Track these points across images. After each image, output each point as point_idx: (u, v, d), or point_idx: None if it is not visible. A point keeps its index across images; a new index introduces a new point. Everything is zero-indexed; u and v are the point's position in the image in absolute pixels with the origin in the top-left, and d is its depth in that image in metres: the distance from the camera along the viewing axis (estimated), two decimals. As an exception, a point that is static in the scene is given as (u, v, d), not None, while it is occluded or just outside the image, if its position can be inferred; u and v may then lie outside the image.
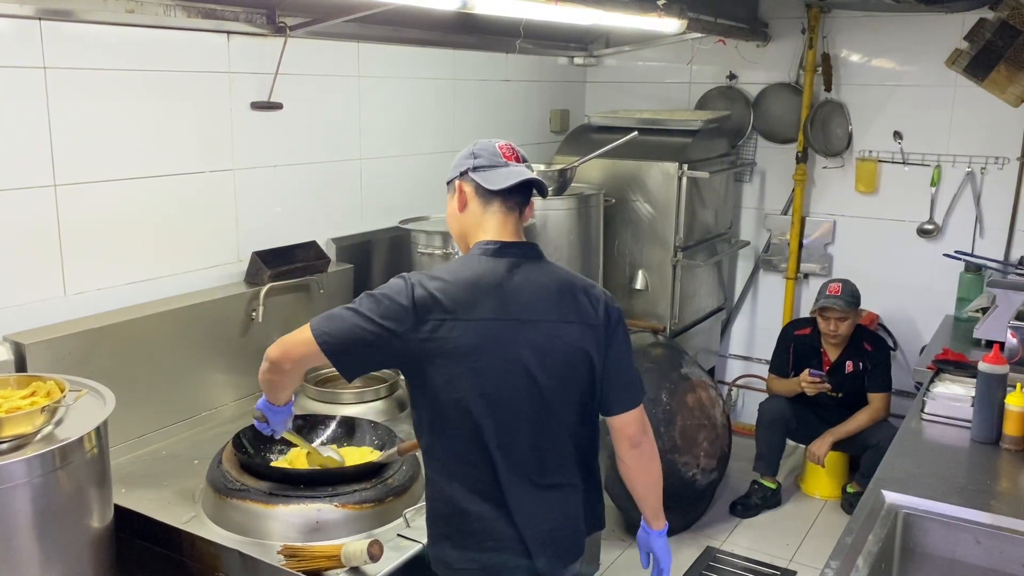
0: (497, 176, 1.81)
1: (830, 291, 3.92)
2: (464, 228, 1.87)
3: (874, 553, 1.96)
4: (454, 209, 1.88)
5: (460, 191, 1.85)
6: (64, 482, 1.71)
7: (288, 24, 2.76)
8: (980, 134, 4.08)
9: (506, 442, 1.75)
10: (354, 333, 1.71)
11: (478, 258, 1.79)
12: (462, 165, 1.85)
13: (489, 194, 1.81)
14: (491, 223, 1.83)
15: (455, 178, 1.87)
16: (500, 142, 1.87)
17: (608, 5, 2.79)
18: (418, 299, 1.70)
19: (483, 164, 1.83)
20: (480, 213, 1.83)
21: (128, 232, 2.49)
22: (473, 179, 1.82)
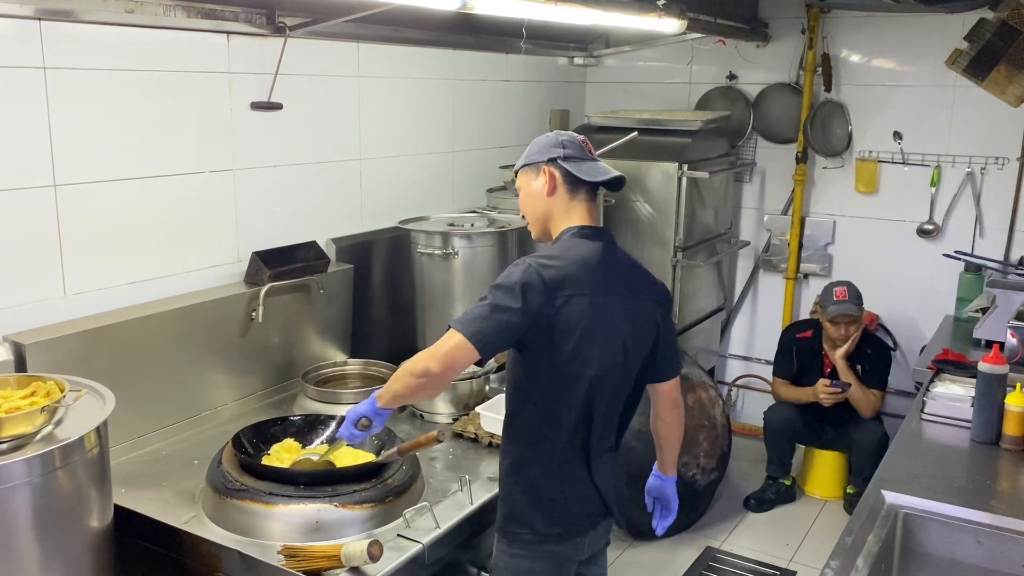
0: (588, 169, 1.98)
1: (837, 296, 3.88)
2: (548, 210, 2.00)
3: (874, 553, 1.96)
4: (538, 191, 1.99)
5: (550, 176, 1.98)
6: (64, 482, 1.71)
7: (288, 24, 2.76)
8: (980, 134, 4.08)
9: (602, 408, 1.96)
10: (503, 325, 1.82)
11: (579, 241, 1.95)
12: (550, 152, 1.99)
13: (577, 183, 1.98)
14: (580, 210, 1.99)
15: (541, 163, 1.99)
16: (578, 136, 2.03)
17: (608, 5, 2.79)
18: (547, 278, 1.84)
19: (572, 155, 1.98)
20: (567, 200, 1.98)
21: (128, 232, 2.49)
22: (564, 167, 1.97)
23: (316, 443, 2.36)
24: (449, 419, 2.67)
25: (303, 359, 2.95)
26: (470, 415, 2.63)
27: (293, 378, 2.89)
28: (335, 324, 3.08)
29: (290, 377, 2.90)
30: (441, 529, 2.03)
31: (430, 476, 2.31)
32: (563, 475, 1.95)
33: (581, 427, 1.94)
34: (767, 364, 4.74)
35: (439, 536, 2.02)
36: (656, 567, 3.57)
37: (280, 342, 2.88)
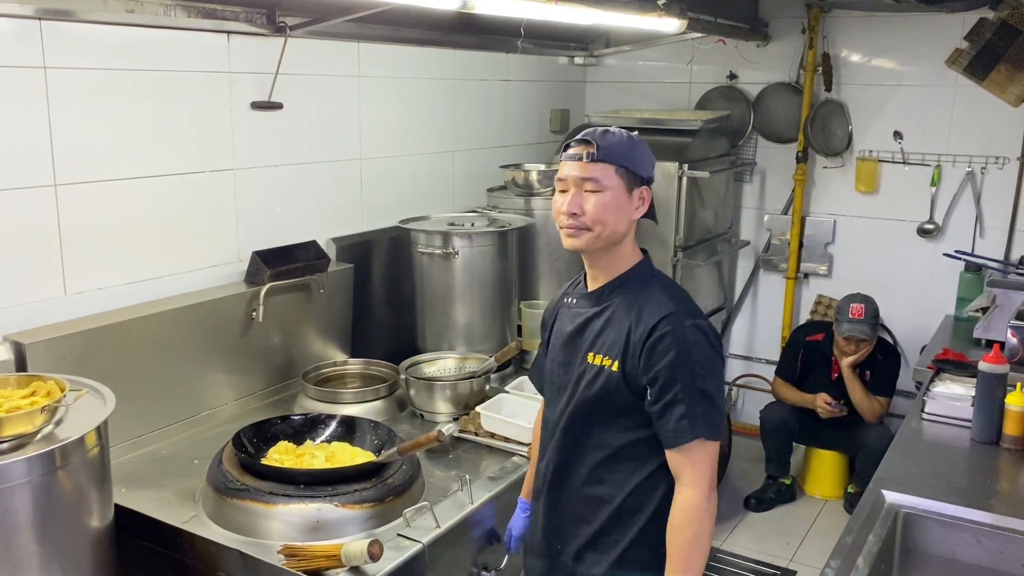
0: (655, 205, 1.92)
1: (853, 314, 3.84)
2: (628, 229, 1.85)
3: (874, 553, 1.96)
4: (627, 205, 1.82)
5: (646, 197, 1.86)
6: (64, 482, 1.71)
7: (288, 24, 2.76)
8: (980, 134, 4.08)
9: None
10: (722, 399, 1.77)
11: (660, 272, 1.91)
12: (650, 171, 1.88)
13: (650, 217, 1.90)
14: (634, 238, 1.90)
15: (642, 178, 1.85)
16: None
17: (608, 5, 2.79)
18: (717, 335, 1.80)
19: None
20: (635, 226, 1.88)
21: (128, 232, 2.49)
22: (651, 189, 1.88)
23: (318, 442, 2.36)
24: (449, 419, 2.67)
25: (303, 359, 2.95)
26: (470, 415, 2.63)
27: (293, 378, 2.89)
28: (335, 324, 3.08)
29: (290, 377, 2.90)
30: (441, 529, 2.03)
31: (430, 476, 2.31)
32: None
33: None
34: (767, 364, 4.74)
35: (439, 536, 2.02)
36: (656, 567, 3.57)
37: (280, 342, 2.88)
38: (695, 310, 1.79)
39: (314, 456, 2.23)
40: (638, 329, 1.75)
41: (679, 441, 1.70)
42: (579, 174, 1.79)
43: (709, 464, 1.71)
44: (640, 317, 1.76)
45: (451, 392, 2.71)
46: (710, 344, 1.73)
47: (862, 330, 3.82)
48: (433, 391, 2.71)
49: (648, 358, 1.72)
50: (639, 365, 1.74)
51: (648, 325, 1.74)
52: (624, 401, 1.78)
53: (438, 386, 2.72)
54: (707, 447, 1.70)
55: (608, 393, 1.80)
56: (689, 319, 1.73)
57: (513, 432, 2.48)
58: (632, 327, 1.76)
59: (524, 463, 2.39)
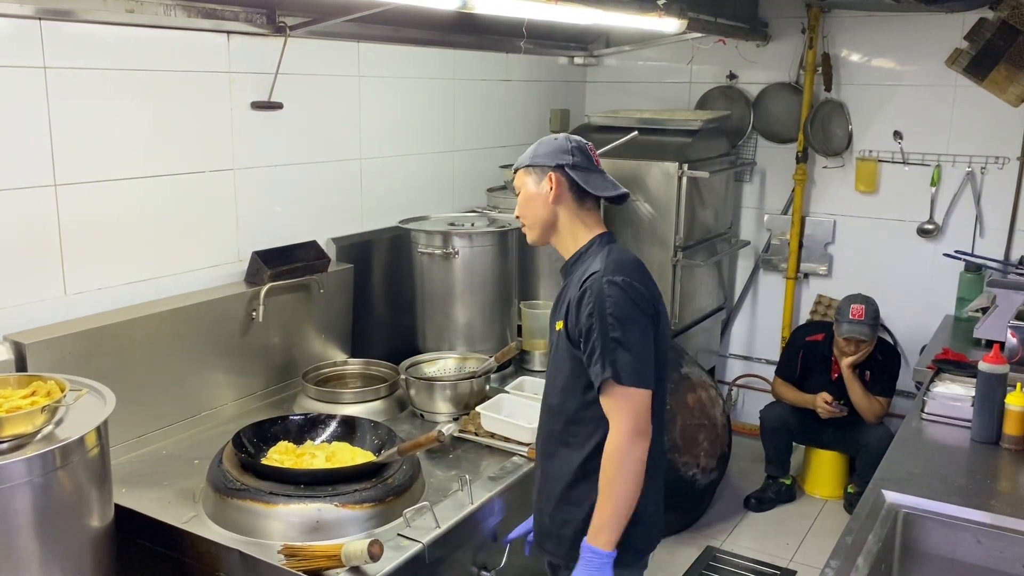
0: (595, 181, 1.98)
1: (853, 315, 3.83)
2: (551, 217, 1.99)
3: (874, 553, 1.96)
4: (543, 195, 1.97)
5: (556, 183, 1.95)
6: (64, 482, 1.71)
7: (288, 24, 2.76)
8: (980, 134, 4.08)
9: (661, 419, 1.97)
10: (647, 345, 1.85)
11: (619, 247, 1.97)
12: (557, 157, 1.96)
13: (584, 193, 1.96)
14: (593, 218, 2.00)
15: (547, 167, 1.96)
16: (587, 143, 2.01)
17: (608, 5, 2.79)
18: (640, 291, 1.86)
19: (580, 164, 1.97)
20: (576, 208, 1.98)
21: (128, 232, 2.49)
22: (571, 176, 1.95)
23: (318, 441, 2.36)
24: (449, 419, 2.67)
25: (303, 359, 2.95)
26: (470, 415, 2.63)
27: (293, 378, 2.89)
28: (335, 324, 3.08)
29: (290, 377, 2.90)
30: (441, 529, 2.03)
31: (430, 476, 2.31)
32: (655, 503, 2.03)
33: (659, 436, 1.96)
34: (767, 364, 4.74)
35: (439, 535, 2.02)
36: (656, 566, 3.56)
37: (280, 342, 2.88)
38: (620, 269, 1.87)
39: (314, 456, 2.24)
40: (573, 290, 1.93)
41: (596, 383, 1.83)
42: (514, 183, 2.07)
43: (631, 409, 1.80)
44: (578, 281, 1.92)
45: (451, 392, 2.71)
46: (628, 298, 1.83)
47: (862, 331, 3.82)
48: (433, 391, 2.71)
49: (576, 314, 1.88)
50: (575, 322, 1.89)
51: (578, 285, 1.90)
52: (572, 360, 1.90)
53: (438, 386, 2.72)
54: (627, 392, 1.80)
55: (561, 353, 1.94)
56: (609, 276, 1.84)
57: (513, 432, 2.48)
58: (572, 290, 1.93)
59: (524, 463, 2.39)
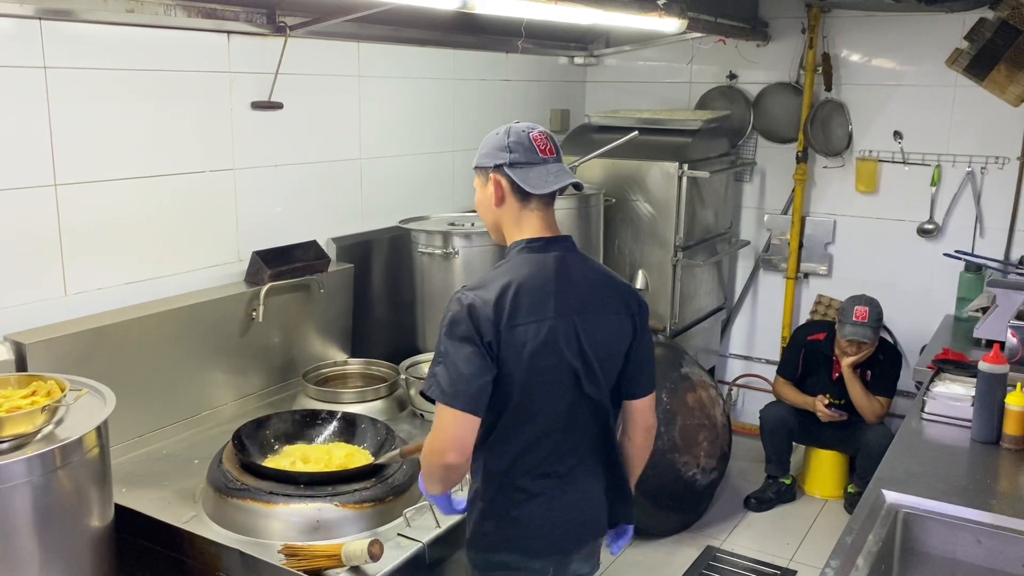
0: (535, 177, 1.80)
1: (857, 316, 3.83)
2: (499, 220, 1.87)
3: (874, 553, 1.96)
4: (487, 199, 1.85)
5: (496, 184, 1.83)
6: (64, 482, 1.71)
7: (288, 24, 2.76)
8: (980, 134, 4.08)
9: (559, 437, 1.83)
10: (472, 369, 1.70)
11: (526, 257, 1.80)
12: (495, 157, 1.82)
13: (527, 192, 1.81)
14: (531, 221, 1.84)
15: (487, 168, 1.83)
16: (534, 131, 1.84)
17: (608, 5, 2.79)
18: (482, 312, 1.71)
19: (519, 160, 1.81)
20: (518, 210, 1.83)
21: (128, 232, 2.49)
22: (509, 175, 1.80)
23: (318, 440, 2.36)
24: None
25: (303, 359, 2.95)
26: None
27: (293, 378, 2.89)
28: (335, 324, 3.08)
29: (290, 377, 2.90)
30: (441, 528, 2.03)
31: (430, 476, 2.31)
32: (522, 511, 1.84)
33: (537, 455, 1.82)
34: (767, 363, 4.74)
35: (439, 535, 2.02)
36: (656, 566, 3.57)
37: (280, 342, 2.88)
38: (477, 286, 1.76)
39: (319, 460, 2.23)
40: None
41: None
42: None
43: (437, 419, 1.72)
44: None
45: (451, 392, 2.70)
46: (457, 311, 1.71)
47: (864, 334, 3.82)
48: (433, 391, 2.71)
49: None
50: None
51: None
52: None
53: (438, 386, 2.72)
54: (442, 409, 1.71)
55: None
56: (460, 292, 1.76)
57: (513, 432, 2.47)
58: None
59: (524, 463, 2.39)
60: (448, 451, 1.71)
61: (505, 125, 1.88)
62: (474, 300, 1.72)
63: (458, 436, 1.71)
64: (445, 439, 1.71)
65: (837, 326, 3.94)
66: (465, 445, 1.72)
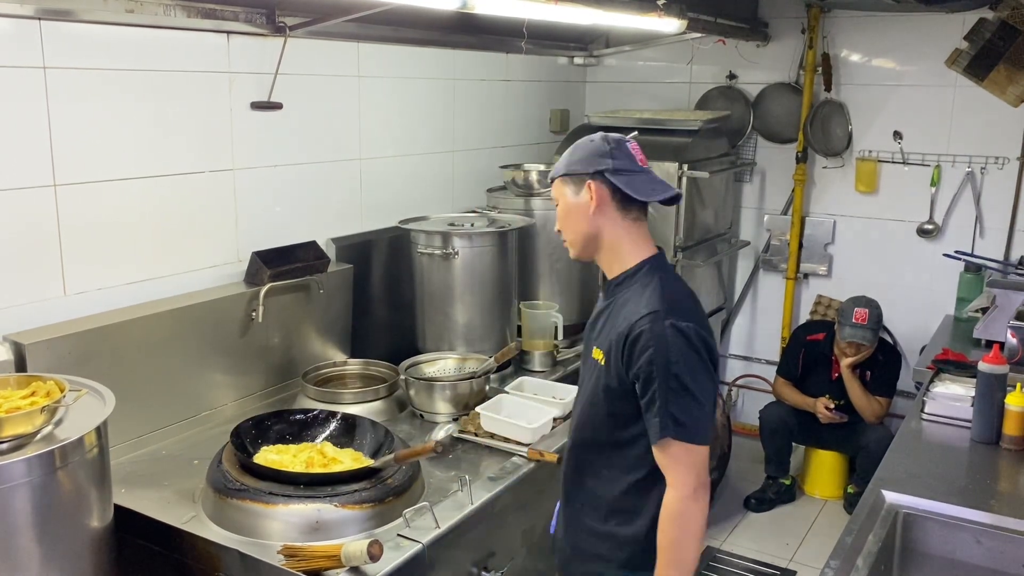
0: (641, 184, 1.77)
1: (856, 318, 3.84)
2: (595, 231, 1.81)
3: (874, 553, 1.96)
4: (581, 208, 1.79)
5: (596, 192, 1.77)
6: (64, 482, 1.71)
7: (288, 24, 2.76)
8: (980, 134, 4.08)
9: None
10: (710, 399, 1.71)
11: (670, 275, 1.81)
12: (595, 163, 1.78)
13: (630, 200, 1.77)
14: (638, 232, 1.82)
15: (584, 175, 1.78)
16: (630, 140, 1.82)
17: (608, 5, 2.79)
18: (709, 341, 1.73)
19: (622, 167, 1.77)
20: (620, 219, 1.80)
21: (128, 232, 2.49)
22: (612, 182, 1.76)
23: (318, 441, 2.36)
24: (449, 419, 2.66)
25: (303, 359, 2.95)
26: (470, 415, 2.63)
27: (293, 378, 2.89)
28: (335, 324, 3.08)
29: (290, 377, 2.90)
30: (441, 529, 2.03)
31: (430, 476, 2.31)
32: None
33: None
34: (767, 364, 4.74)
35: (439, 536, 2.02)
36: (656, 567, 3.57)
37: (280, 342, 2.88)
38: (684, 311, 1.73)
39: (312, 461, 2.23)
40: (622, 325, 1.75)
41: (653, 438, 1.71)
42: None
43: (689, 464, 1.69)
44: (628, 313, 1.76)
45: (451, 392, 2.70)
46: (690, 346, 1.69)
47: (864, 336, 3.82)
48: (433, 391, 2.71)
49: (630, 355, 1.72)
50: (622, 361, 1.74)
51: (630, 321, 1.73)
52: (611, 395, 1.79)
53: (438, 386, 2.72)
54: (685, 447, 1.68)
55: (597, 387, 1.82)
56: (671, 319, 1.69)
57: (513, 432, 2.48)
58: (620, 321, 1.77)
59: (524, 463, 2.39)
60: (707, 482, 1.71)
61: (596, 134, 1.84)
62: (695, 329, 1.70)
63: (705, 464, 1.71)
64: (705, 473, 1.70)
65: (836, 327, 3.95)
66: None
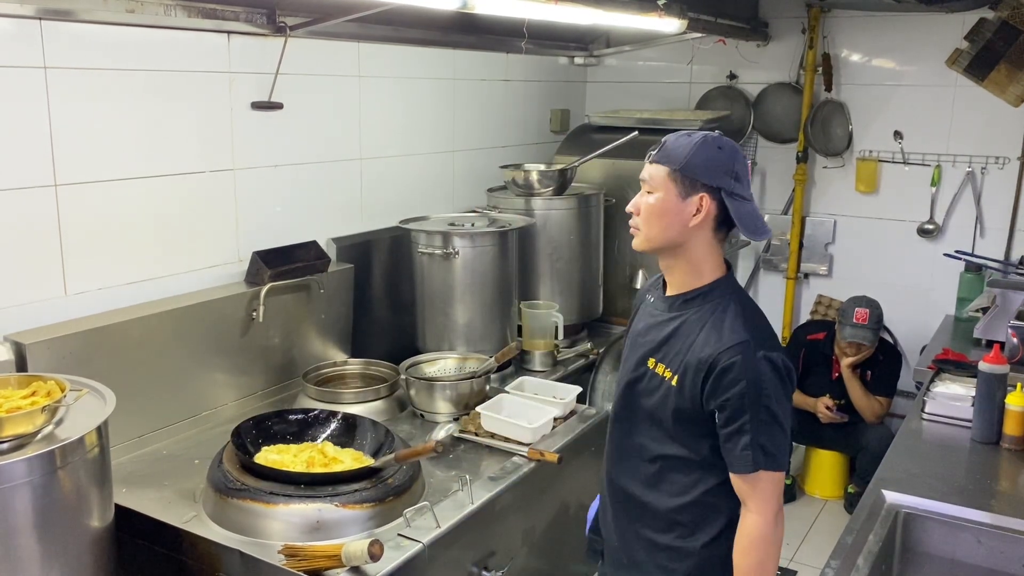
0: (747, 216, 1.70)
1: (857, 318, 3.84)
2: (685, 240, 1.74)
3: (874, 553, 1.96)
4: (683, 214, 1.71)
5: (706, 209, 1.70)
6: (64, 482, 1.71)
7: (288, 24, 2.76)
8: (980, 134, 4.08)
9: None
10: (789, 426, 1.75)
11: (745, 297, 1.81)
12: (718, 178, 1.69)
13: (728, 224, 1.73)
14: (719, 251, 1.78)
15: (700, 183, 1.69)
16: (744, 155, 1.77)
17: (608, 5, 2.79)
18: (791, 372, 1.75)
19: (739, 192, 1.70)
20: (711, 237, 1.75)
21: (128, 232, 2.49)
22: (727, 204, 1.69)
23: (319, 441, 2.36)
24: (450, 419, 2.66)
25: (303, 359, 2.95)
26: (470, 415, 2.63)
27: (293, 378, 2.89)
28: (335, 324, 3.08)
29: (290, 377, 2.90)
30: (441, 529, 2.03)
31: (430, 476, 2.31)
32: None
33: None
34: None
35: (439, 536, 2.02)
36: (656, 567, 3.57)
37: (280, 342, 2.88)
38: (769, 340, 1.73)
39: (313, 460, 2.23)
40: (705, 349, 1.71)
41: (742, 469, 1.71)
42: (641, 173, 1.79)
43: (774, 492, 1.72)
44: (709, 338, 1.71)
45: (451, 392, 2.70)
46: (780, 378, 1.71)
47: (864, 336, 3.83)
48: (433, 391, 2.71)
49: (716, 384, 1.69)
50: (703, 388, 1.71)
51: (718, 349, 1.69)
52: (678, 415, 1.77)
53: (438, 386, 2.72)
54: (772, 476, 1.71)
55: (664, 405, 1.79)
56: (762, 351, 1.68)
57: (513, 432, 2.48)
58: (699, 346, 1.72)
59: (524, 463, 2.39)
60: (779, 516, 1.74)
61: (724, 140, 1.74)
62: (783, 360, 1.72)
63: (781, 494, 1.75)
64: (777, 500, 1.73)
65: (837, 327, 3.95)
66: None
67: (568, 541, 2.57)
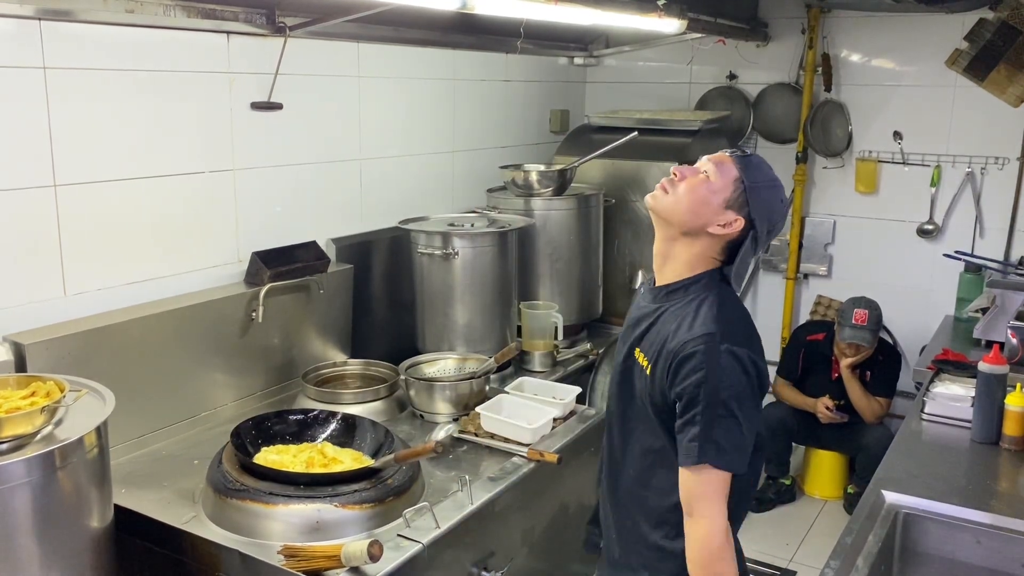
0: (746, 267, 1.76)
1: (856, 319, 3.85)
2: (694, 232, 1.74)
3: (874, 553, 1.96)
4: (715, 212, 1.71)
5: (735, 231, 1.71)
6: (64, 482, 1.71)
7: (288, 24, 2.76)
8: (980, 134, 4.08)
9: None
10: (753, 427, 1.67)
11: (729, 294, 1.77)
12: (762, 221, 1.71)
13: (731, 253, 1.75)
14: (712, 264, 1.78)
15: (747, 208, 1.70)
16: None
17: (608, 5, 2.79)
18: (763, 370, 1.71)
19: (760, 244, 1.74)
20: (715, 252, 1.75)
21: (128, 232, 2.49)
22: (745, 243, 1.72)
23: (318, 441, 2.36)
24: (449, 419, 2.67)
25: (303, 359, 2.95)
26: (470, 415, 2.63)
27: (293, 378, 2.89)
28: (335, 324, 3.08)
29: (290, 377, 2.90)
30: (441, 529, 2.03)
31: (430, 476, 2.31)
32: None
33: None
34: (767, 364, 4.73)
35: (439, 536, 2.02)
36: (656, 567, 3.57)
37: (280, 342, 2.88)
38: (740, 336, 1.68)
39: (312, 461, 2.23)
40: (674, 340, 1.70)
41: (686, 461, 1.64)
42: (711, 157, 1.77)
43: (723, 495, 1.64)
44: (679, 329, 1.70)
45: (451, 393, 2.70)
46: (744, 372, 1.65)
47: (864, 337, 3.83)
48: (433, 392, 2.71)
49: (676, 373, 1.67)
50: (667, 376, 1.70)
51: (683, 340, 1.67)
52: (655, 407, 1.76)
53: (438, 387, 2.72)
54: (721, 476, 1.62)
55: (643, 393, 1.79)
56: (727, 344, 1.64)
57: (513, 432, 2.48)
58: (670, 336, 1.71)
59: (524, 463, 2.39)
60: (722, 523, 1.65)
61: (786, 195, 1.79)
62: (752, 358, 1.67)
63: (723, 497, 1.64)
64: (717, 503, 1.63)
65: (836, 328, 3.95)
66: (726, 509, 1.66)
67: (568, 541, 2.57)
